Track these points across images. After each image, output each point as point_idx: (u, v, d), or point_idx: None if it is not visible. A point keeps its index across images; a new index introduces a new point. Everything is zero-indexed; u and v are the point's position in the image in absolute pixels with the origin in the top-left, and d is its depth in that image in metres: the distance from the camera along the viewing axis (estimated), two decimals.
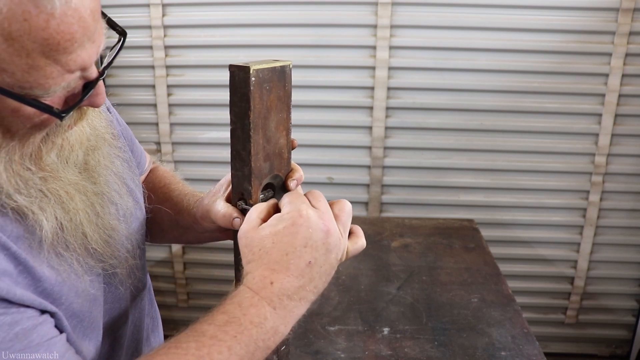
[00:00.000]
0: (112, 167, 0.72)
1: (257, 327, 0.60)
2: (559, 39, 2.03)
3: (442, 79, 2.11)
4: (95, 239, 0.65)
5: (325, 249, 0.64)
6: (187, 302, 2.46)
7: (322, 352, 1.20)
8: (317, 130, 2.20)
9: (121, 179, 0.74)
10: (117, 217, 0.71)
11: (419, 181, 2.23)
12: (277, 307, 0.61)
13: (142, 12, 2.12)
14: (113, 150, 0.73)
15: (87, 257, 0.64)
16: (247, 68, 0.60)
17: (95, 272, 0.66)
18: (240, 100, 0.62)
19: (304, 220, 0.63)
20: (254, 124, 0.63)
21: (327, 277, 0.65)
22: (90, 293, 0.65)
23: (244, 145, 0.64)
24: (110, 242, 0.68)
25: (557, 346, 2.41)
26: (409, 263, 1.61)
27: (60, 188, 0.60)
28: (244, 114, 0.62)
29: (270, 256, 0.63)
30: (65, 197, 0.61)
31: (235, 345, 0.58)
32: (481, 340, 1.24)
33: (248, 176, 0.65)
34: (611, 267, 2.29)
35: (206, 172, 2.26)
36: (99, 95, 0.60)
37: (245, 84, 0.61)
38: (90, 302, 0.65)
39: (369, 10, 2.06)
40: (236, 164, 0.66)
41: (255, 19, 2.09)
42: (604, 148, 2.13)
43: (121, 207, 0.73)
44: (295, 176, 0.72)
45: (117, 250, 0.70)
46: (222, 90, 2.18)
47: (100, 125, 0.70)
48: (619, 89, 2.05)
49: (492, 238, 2.18)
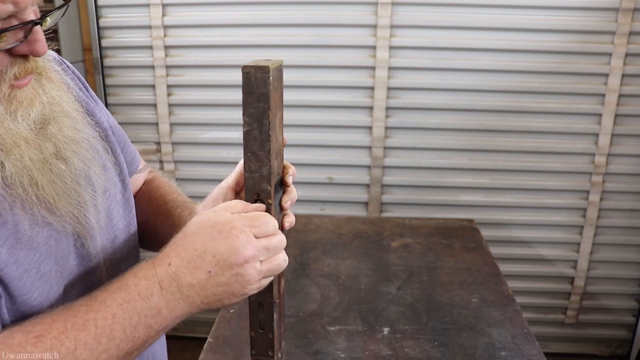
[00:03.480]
0: (78, 138, 0.71)
1: (143, 299, 0.61)
2: (559, 39, 2.03)
3: (442, 79, 2.11)
4: (49, 192, 0.64)
5: (233, 274, 0.63)
6: None
7: (322, 352, 1.20)
8: (317, 130, 2.20)
9: (93, 154, 0.74)
10: (83, 186, 0.70)
11: (419, 181, 2.23)
12: (165, 288, 0.62)
13: (142, 12, 2.12)
14: (78, 125, 0.72)
15: (39, 206, 0.63)
16: (266, 68, 0.60)
17: (50, 225, 0.65)
18: (257, 101, 0.62)
19: (232, 236, 0.63)
20: (272, 123, 0.63)
21: (222, 297, 0.64)
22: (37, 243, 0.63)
23: (262, 146, 0.64)
24: (70, 202, 0.67)
25: (557, 346, 2.41)
26: (409, 263, 1.61)
27: (2, 133, 0.60)
28: (262, 114, 0.62)
29: (184, 242, 0.64)
30: (9, 141, 0.60)
31: (120, 313, 0.60)
32: (481, 340, 1.24)
33: (267, 176, 0.65)
34: (611, 267, 2.29)
35: (206, 172, 2.26)
36: (37, 42, 0.60)
37: (265, 84, 0.61)
38: (35, 252, 0.63)
39: (369, 10, 2.06)
40: (252, 166, 0.65)
41: (255, 19, 2.09)
42: (604, 148, 2.13)
43: (91, 179, 0.72)
44: (290, 172, 0.73)
45: (81, 215, 0.69)
46: (222, 90, 2.19)
47: (62, 98, 0.70)
48: (619, 89, 2.05)
49: (492, 238, 2.18)
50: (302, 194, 2.24)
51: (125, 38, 2.17)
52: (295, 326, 1.29)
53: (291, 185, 0.73)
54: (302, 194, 2.30)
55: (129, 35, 2.17)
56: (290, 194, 0.73)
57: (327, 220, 1.90)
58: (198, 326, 2.34)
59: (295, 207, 0.82)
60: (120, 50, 2.19)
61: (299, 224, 1.82)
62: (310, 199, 2.27)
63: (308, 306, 1.38)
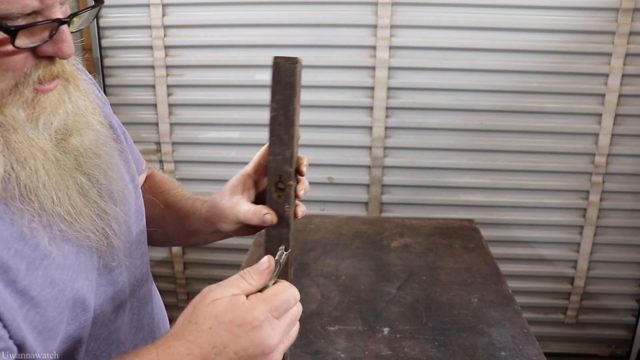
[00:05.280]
0: (101, 152, 0.70)
1: None
2: (559, 39, 2.03)
3: (442, 79, 2.11)
4: (69, 206, 0.62)
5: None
6: (187, 302, 2.45)
7: (322, 352, 1.20)
8: (317, 130, 2.20)
9: (114, 166, 0.73)
10: (105, 199, 0.69)
11: (419, 181, 2.23)
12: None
13: (142, 12, 2.12)
14: (101, 138, 0.71)
15: (60, 221, 0.62)
16: (295, 59, 0.68)
17: (72, 241, 0.64)
18: (285, 88, 0.68)
19: (255, 329, 0.58)
20: (297, 109, 0.69)
21: None
22: (70, 261, 0.62)
23: (287, 130, 0.69)
24: (92, 216, 0.66)
25: (557, 346, 2.41)
26: (409, 263, 1.61)
27: (19, 142, 0.57)
28: (289, 100, 0.68)
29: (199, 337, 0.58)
30: (26, 151, 0.58)
31: None
32: (481, 340, 1.24)
33: (289, 159, 0.70)
34: (611, 267, 2.29)
35: (206, 172, 2.26)
36: (63, 42, 0.58)
37: (293, 73, 0.67)
38: (68, 270, 0.62)
39: (369, 10, 2.06)
40: (276, 149, 0.70)
41: (255, 19, 2.09)
42: (604, 148, 2.13)
43: (112, 193, 0.72)
44: (305, 162, 0.75)
45: (105, 229, 0.68)
46: (222, 90, 2.19)
47: (87, 108, 0.68)
48: (619, 89, 2.05)
49: (492, 238, 2.18)
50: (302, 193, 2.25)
51: (125, 38, 2.17)
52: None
53: (305, 175, 0.75)
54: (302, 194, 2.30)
55: (129, 35, 2.17)
56: (304, 183, 0.75)
57: (327, 220, 1.90)
58: None
59: None
60: (120, 50, 2.19)
61: (299, 224, 1.82)
62: (310, 199, 2.26)
63: (308, 306, 1.38)
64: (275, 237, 0.71)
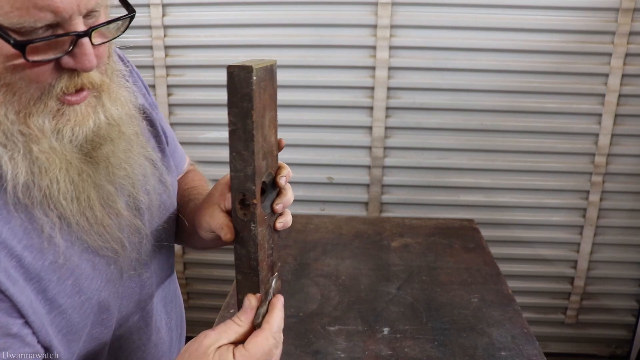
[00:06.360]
0: (133, 162, 0.69)
1: None
2: (559, 39, 2.03)
3: (442, 79, 2.11)
4: (93, 216, 0.62)
5: None
6: (187, 302, 2.45)
7: (322, 352, 1.20)
8: (317, 130, 2.20)
9: (144, 177, 0.73)
10: (132, 210, 0.70)
11: (419, 181, 2.23)
12: None
13: (142, 12, 2.12)
14: (134, 148, 0.70)
15: (80, 229, 0.62)
16: (249, 67, 0.60)
17: (90, 249, 0.64)
18: (241, 100, 0.62)
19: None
20: (256, 123, 0.63)
21: None
22: (70, 260, 0.62)
23: (247, 145, 0.63)
24: (115, 226, 0.66)
25: (557, 346, 2.41)
26: (409, 263, 1.61)
27: (41, 151, 0.58)
28: (246, 113, 0.62)
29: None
30: (47, 161, 0.58)
31: None
32: (481, 340, 1.24)
33: (251, 176, 0.64)
34: (611, 267, 2.29)
35: (206, 172, 2.24)
36: (83, 55, 0.57)
37: (248, 84, 0.60)
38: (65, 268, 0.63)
39: (369, 10, 2.06)
40: (237, 165, 0.65)
41: (255, 19, 2.09)
42: (604, 148, 2.13)
43: (140, 204, 0.72)
44: (283, 173, 0.70)
45: (130, 239, 0.69)
46: (222, 90, 2.18)
47: (121, 118, 0.67)
48: (619, 89, 2.05)
49: (492, 238, 2.18)
50: (302, 194, 2.26)
51: (125, 38, 2.16)
52: (295, 326, 1.29)
53: (285, 186, 0.70)
54: (302, 194, 2.30)
55: (129, 35, 2.16)
56: (283, 197, 0.70)
57: (327, 220, 1.90)
58: (198, 326, 2.33)
59: (295, 207, 0.82)
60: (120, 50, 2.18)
61: (299, 224, 1.82)
62: (310, 199, 2.26)
63: (308, 306, 1.38)
64: (243, 255, 0.66)
